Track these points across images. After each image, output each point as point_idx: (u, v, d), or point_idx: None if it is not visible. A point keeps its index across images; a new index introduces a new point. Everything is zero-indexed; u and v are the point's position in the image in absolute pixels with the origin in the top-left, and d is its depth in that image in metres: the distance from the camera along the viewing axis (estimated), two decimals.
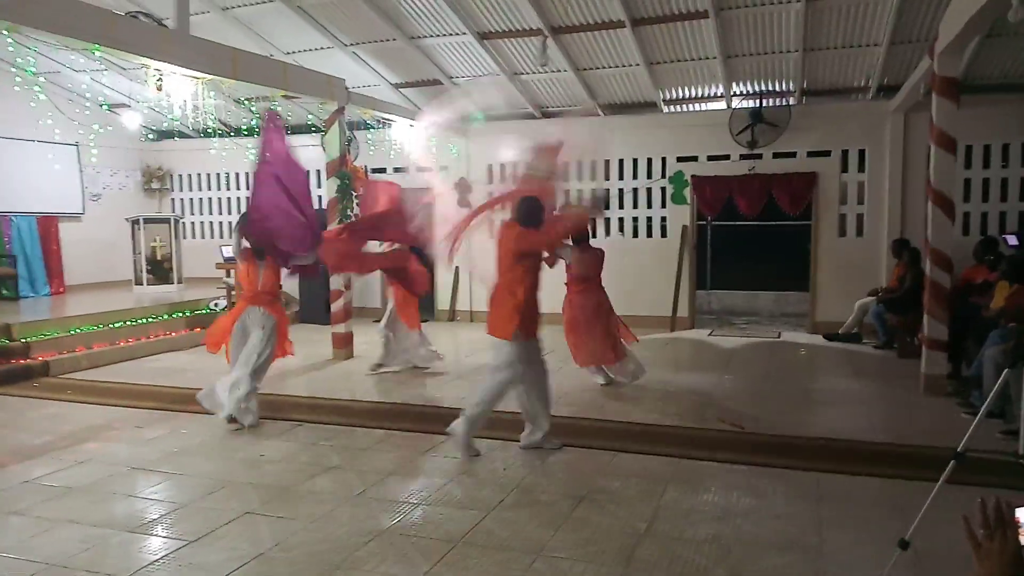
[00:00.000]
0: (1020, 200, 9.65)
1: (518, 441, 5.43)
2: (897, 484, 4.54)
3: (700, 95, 10.69)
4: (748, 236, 11.41)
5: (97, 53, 6.27)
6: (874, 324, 9.33)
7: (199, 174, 13.70)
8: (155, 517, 4.21)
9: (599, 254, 7.24)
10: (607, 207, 8.01)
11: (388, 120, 10.56)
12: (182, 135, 12.42)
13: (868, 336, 9.58)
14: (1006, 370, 3.25)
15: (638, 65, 9.68)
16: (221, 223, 13.69)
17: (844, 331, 9.70)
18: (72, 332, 8.72)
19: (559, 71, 10.08)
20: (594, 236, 11.36)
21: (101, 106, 9.74)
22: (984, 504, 1.46)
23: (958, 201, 8.29)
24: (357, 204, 9.70)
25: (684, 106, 11.03)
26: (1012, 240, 3.14)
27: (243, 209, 13.45)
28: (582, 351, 7.15)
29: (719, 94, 10.50)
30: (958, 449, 3.06)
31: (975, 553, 1.44)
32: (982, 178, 9.80)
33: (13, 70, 6.99)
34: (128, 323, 9.38)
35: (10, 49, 5.96)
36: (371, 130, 11.46)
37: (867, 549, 3.65)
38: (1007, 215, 9.71)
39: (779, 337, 10.28)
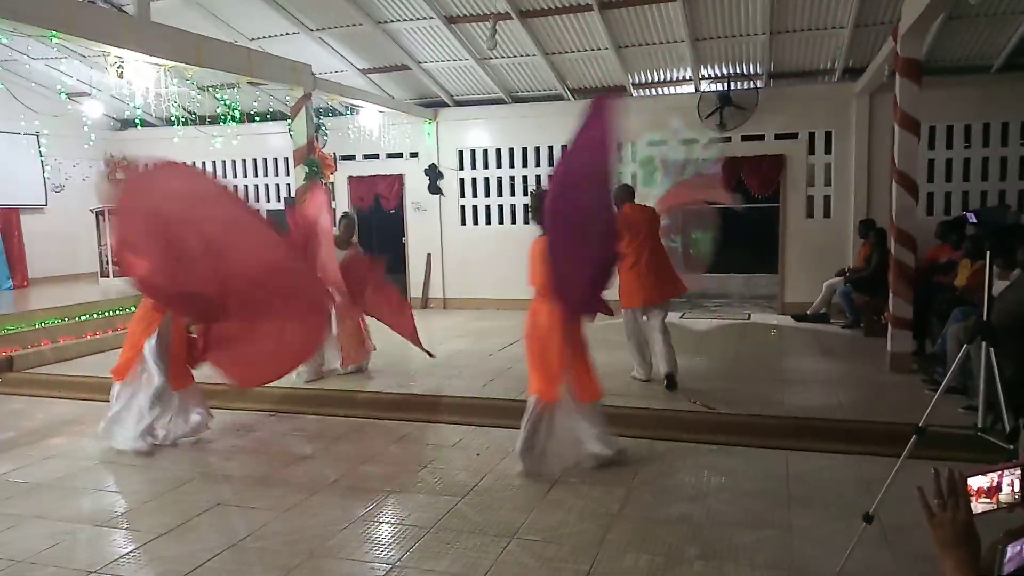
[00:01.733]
0: (982, 180, 9.84)
1: (491, 427, 5.46)
2: (864, 460, 4.62)
3: (669, 79, 10.71)
4: (717, 219, 11.53)
5: (55, 40, 6.13)
6: (842, 304, 9.48)
7: None
8: (124, 511, 4.17)
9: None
10: None
11: (356, 106, 10.46)
12: (146, 124, 12.18)
13: (836, 316, 9.73)
14: (965, 345, 3.31)
15: (607, 49, 9.68)
16: None
17: (812, 311, 9.84)
18: (37, 326, 8.56)
19: (528, 55, 10.05)
20: None
21: (60, 94, 9.51)
22: (938, 474, 1.49)
23: (922, 182, 8.41)
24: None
25: (653, 90, 11.06)
26: (972, 218, 3.21)
27: None
28: None
29: (687, 78, 10.53)
30: (919, 424, 3.12)
31: (929, 522, 1.47)
32: (945, 159, 9.96)
33: None
34: (94, 316, 9.22)
35: None
36: (337, 116, 11.35)
37: (835, 525, 3.72)
38: (969, 195, 9.89)
39: (749, 319, 10.40)
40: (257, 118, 11.73)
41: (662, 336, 6.55)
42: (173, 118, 10.96)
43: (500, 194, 11.80)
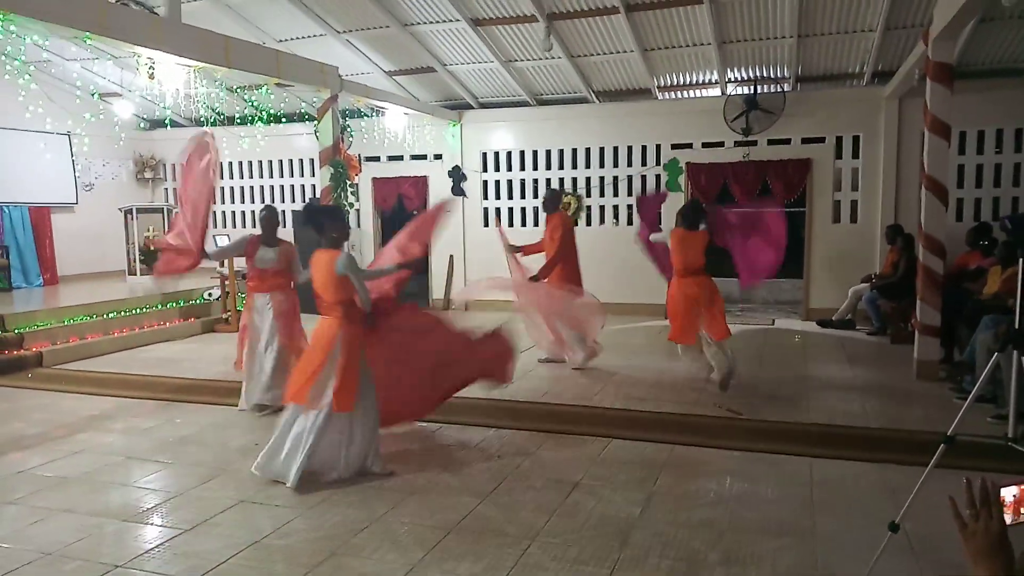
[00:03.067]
0: (1014, 186, 9.68)
1: (510, 429, 5.47)
2: (890, 469, 4.56)
3: (694, 82, 10.66)
4: None
5: (88, 41, 6.23)
6: (868, 310, 9.37)
7: None
8: (150, 506, 4.22)
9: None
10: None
11: (381, 108, 10.52)
12: (175, 124, 12.36)
13: (861, 322, 9.62)
14: (996, 354, 3.26)
15: (632, 52, 9.66)
16: (214, 212, 13.62)
17: (838, 318, 9.73)
18: (66, 322, 8.70)
19: (553, 58, 10.05)
20: (588, 224, 11.43)
21: (92, 95, 9.67)
22: (970, 484, 1.46)
23: (952, 187, 8.29)
24: (352, 193, 9.69)
25: (678, 93, 11.01)
26: (1007, 223, 3.14)
27: (236, 198, 13.43)
28: None
29: (714, 80, 10.48)
30: (948, 433, 3.07)
31: (961, 533, 1.45)
32: (976, 164, 9.81)
33: (2, 58, 6.94)
34: (122, 313, 9.35)
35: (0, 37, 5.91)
36: (362, 117, 11.42)
37: (860, 533, 3.68)
38: (1000, 201, 9.73)
39: (773, 324, 10.31)
40: (284, 119, 11.85)
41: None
42: (202, 119, 11.09)
43: (523, 196, 11.81)
